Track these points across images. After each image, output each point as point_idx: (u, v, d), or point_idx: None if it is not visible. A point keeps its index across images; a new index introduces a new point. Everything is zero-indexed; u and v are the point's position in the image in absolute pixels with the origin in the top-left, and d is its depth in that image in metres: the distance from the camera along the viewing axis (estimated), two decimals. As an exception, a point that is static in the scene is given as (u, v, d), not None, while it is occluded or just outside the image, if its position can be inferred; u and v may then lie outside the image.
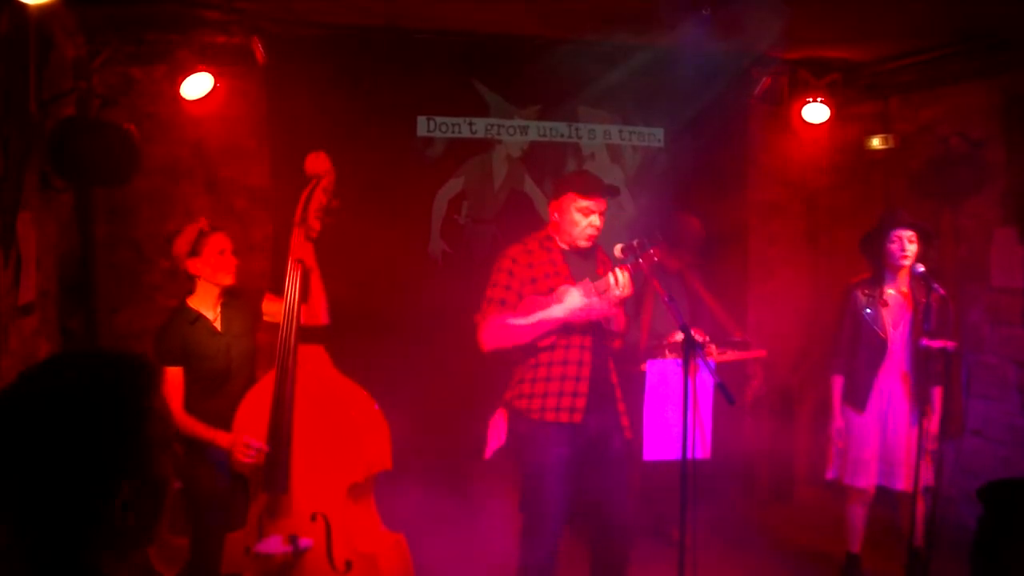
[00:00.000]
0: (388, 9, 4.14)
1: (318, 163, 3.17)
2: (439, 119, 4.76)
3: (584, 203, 3.24)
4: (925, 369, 3.78)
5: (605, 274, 3.20)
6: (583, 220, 3.25)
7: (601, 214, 3.27)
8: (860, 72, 5.11)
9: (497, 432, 3.35)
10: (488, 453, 3.35)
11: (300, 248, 3.15)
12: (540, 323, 3.17)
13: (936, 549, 3.77)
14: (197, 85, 4.03)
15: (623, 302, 3.23)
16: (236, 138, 4.55)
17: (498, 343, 3.22)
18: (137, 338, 4.27)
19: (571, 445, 3.23)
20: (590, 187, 3.26)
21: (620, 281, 3.15)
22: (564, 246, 3.34)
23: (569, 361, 3.23)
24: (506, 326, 3.19)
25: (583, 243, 3.29)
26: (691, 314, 4.45)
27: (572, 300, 3.16)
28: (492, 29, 4.51)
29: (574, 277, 3.28)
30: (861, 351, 3.92)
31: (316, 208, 3.14)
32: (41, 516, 1.09)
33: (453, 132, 4.79)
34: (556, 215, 3.34)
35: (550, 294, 3.24)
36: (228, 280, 3.30)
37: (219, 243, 3.27)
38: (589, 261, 3.37)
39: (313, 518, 2.97)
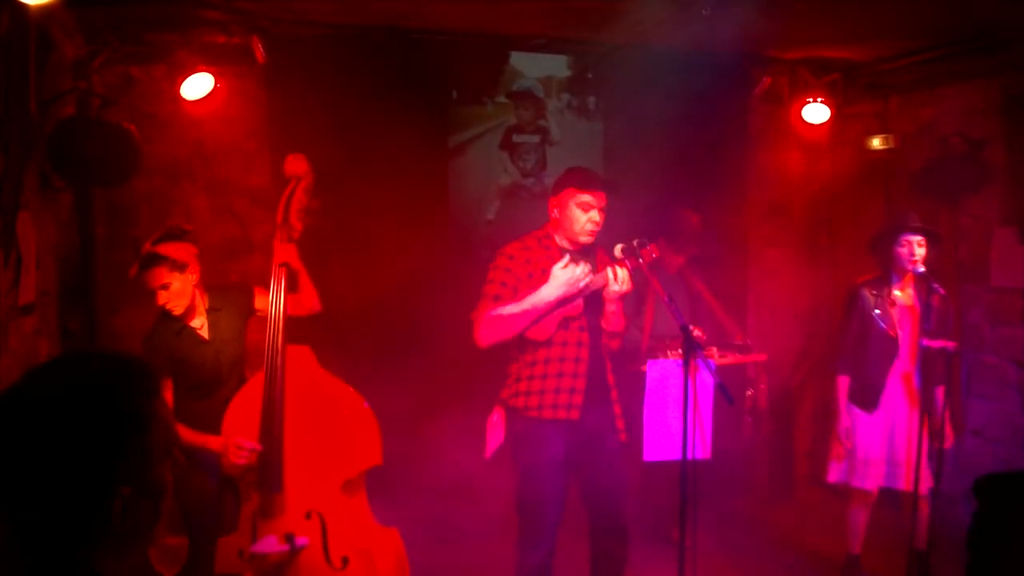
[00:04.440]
0: (388, 9, 4.14)
1: (297, 165, 3.16)
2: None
3: (584, 198, 3.22)
4: (928, 370, 3.78)
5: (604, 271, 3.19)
6: (583, 216, 3.23)
7: (600, 210, 3.25)
8: (860, 72, 5.12)
9: (496, 431, 3.34)
10: (488, 452, 3.34)
11: (283, 250, 3.13)
12: (532, 308, 3.14)
13: (935, 549, 3.77)
14: (197, 85, 4.03)
15: (623, 300, 3.22)
16: (236, 138, 4.54)
17: (493, 336, 3.19)
18: (137, 338, 4.26)
19: (567, 443, 3.23)
20: (589, 181, 3.25)
21: (619, 277, 3.14)
22: (564, 244, 3.33)
23: (566, 358, 3.22)
24: (499, 317, 3.16)
25: (584, 239, 3.27)
26: (692, 315, 4.45)
27: (556, 275, 3.12)
28: (492, 29, 4.51)
29: None
30: (871, 351, 3.90)
31: (297, 209, 3.14)
32: (39, 513, 1.09)
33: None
34: (556, 211, 3.32)
35: None
36: (177, 311, 3.19)
37: (158, 277, 3.11)
38: (589, 260, 3.35)
39: (308, 516, 2.96)
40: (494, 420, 3.35)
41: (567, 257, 3.19)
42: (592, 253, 3.38)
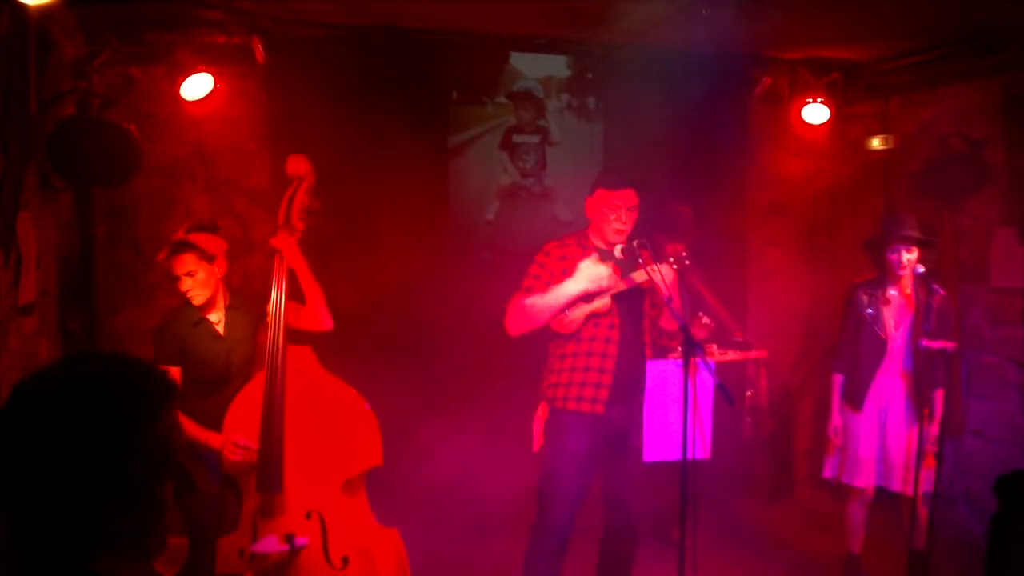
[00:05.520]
0: (388, 9, 4.14)
1: (299, 165, 3.18)
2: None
3: (610, 198, 3.31)
4: (925, 370, 3.79)
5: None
6: (611, 215, 3.31)
7: (629, 209, 3.31)
8: (860, 72, 5.11)
9: (541, 424, 3.39)
10: (536, 446, 3.39)
11: (285, 249, 3.14)
12: (556, 299, 3.23)
13: (935, 549, 3.77)
14: (197, 85, 4.03)
15: (671, 301, 3.12)
16: (236, 138, 4.54)
17: (520, 325, 3.29)
18: (137, 338, 4.27)
19: (591, 436, 3.27)
20: (615, 181, 3.34)
21: (655, 274, 3.13)
22: (600, 244, 3.39)
23: (593, 353, 3.27)
24: (524, 306, 3.27)
25: (613, 238, 3.33)
26: (692, 313, 4.46)
27: (580, 269, 3.22)
28: (492, 29, 4.51)
29: None
30: (862, 351, 3.93)
31: (299, 209, 3.16)
32: (39, 513, 1.09)
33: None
34: (590, 212, 3.42)
35: None
36: (198, 300, 3.23)
37: (185, 264, 3.17)
38: (627, 260, 3.36)
39: (308, 516, 2.97)
40: (539, 415, 3.40)
41: (595, 254, 3.26)
42: (631, 256, 3.34)
